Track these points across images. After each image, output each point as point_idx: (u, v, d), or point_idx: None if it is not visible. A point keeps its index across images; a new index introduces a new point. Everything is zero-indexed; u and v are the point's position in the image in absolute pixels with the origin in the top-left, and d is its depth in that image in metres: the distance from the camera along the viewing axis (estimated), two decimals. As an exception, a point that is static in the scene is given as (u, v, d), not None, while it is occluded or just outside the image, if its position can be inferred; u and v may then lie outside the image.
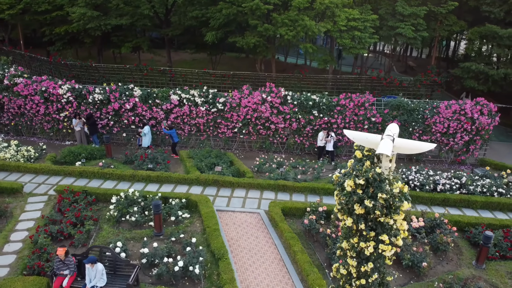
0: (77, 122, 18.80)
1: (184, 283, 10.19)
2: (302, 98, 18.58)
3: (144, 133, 18.24)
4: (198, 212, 13.06)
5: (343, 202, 7.34)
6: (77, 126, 18.89)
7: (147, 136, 18.35)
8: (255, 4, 18.15)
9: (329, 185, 14.52)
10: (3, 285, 9.40)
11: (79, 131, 19.03)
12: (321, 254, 11.45)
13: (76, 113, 19.09)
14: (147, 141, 18.44)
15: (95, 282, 9.30)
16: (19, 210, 13.03)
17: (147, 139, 18.39)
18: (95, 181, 14.99)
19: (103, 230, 11.90)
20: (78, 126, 18.88)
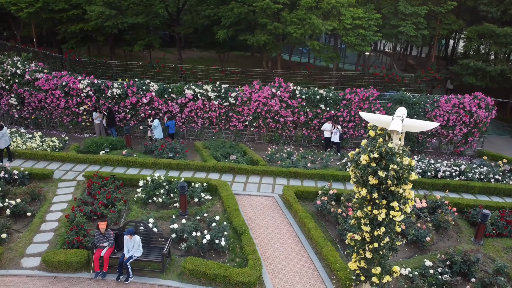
0: (97, 115, 19.86)
1: (210, 255, 11.24)
2: (310, 93, 19.65)
3: (154, 126, 19.23)
4: (218, 195, 14.12)
5: (358, 175, 8.42)
6: (97, 120, 20.01)
7: (157, 128, 19.34)
8: (266, 3, 19.22)
9: (337, 172, 15.59)
10: (48, 257, 10.42)
11: (98, 124, 20.13)
12: (333, 231, 12.52)
13: (96, 107, 20.15)
14: (158, 133, 19.40)
15: (132, 252, 10.34)
16: (51, 193, 14.06)
17: (157, 131, 19.37)
18: (119, 169, 16.03)
19: (132, 210, 12.95)
20: (97, 119, 19.99)
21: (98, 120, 20.00)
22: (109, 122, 19.98)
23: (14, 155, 16.72)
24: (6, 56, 22.55)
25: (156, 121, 19.35)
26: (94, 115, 20.01)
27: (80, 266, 10.52)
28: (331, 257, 10.85)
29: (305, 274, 10.80)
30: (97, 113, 19.97)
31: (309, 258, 11.38)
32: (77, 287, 10.15)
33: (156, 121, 19.36)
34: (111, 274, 10.51)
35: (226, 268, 10.19)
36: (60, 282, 10.29)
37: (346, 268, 10.49)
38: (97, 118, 19.94)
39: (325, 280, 10.59)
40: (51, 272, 10.53)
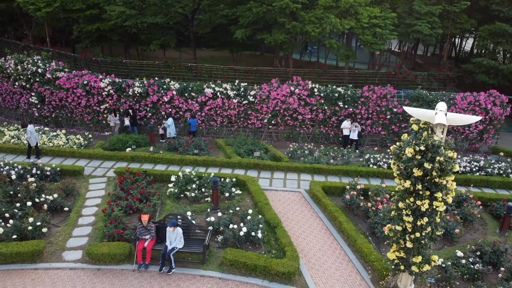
0: (114, 119, 20.29)
1: (247, 247, 11.55)
2: (328, 91, 19.98)
3: (168, 124, 19.46)
4: (246, 190, 14.43)
5: (402, 168, 8.74)
6: (111, 122, 20.38)
7: (171, 127, 19.56)
8: (285, 3, 19.55)
9: (361, 168, 15.92)
10: (92, 249, 10.71)
11: (114, 127, 20.54)
12: (362, 225, 12.84)
13: (113, 109, 20.30)
14: (172, 132, 19.63)
15: (175, 244, 10.65)
16: (84, 189, 14.36)
17: (171, 129, 19.59)
18: (146, 165, 16.33)
19: (166, 205, 13.25)
20: (112, 122, 20.36)
21: (113, 123, 20.39)
22: (132, 121, 20.18)
23: (42, 153, 17.00)
24: (25, 55, 22.81)
25: (170, 120, 19.53)
26: (109, 117, 20.39)
27: (123, 258, 10.81)
28: (365, 248, 11.17)
29: (340, 265, 11.12)
30: (111, 116, 20.31)
31: (342, 250, 11.71)
32: (121, 278, 10.44)
33: (170, 120, 19.54)
34: (153, 266, 10.81)
35: (265, 259, 10.50)
36: (104, 274, 10.58)
37: (381, 259, 10.82)
38: (112, 121, 20.35)
39: (361, 270, 10.91)
40: (94, 264, 10.81)
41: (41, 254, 10.88)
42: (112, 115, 20.23)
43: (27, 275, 10.49)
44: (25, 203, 12.53)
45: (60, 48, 29.98)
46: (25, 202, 12.56)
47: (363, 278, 10.67)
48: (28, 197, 12.71)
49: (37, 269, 10.67)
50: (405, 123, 20.21)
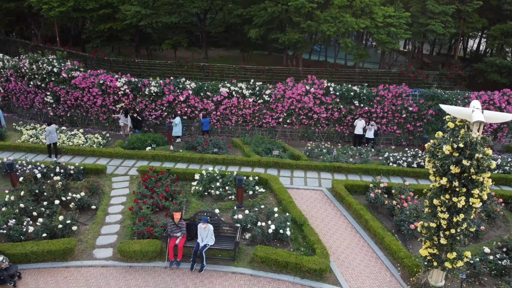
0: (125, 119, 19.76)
1: (275, 244, 11.63)
2: (344, 89, 20.06)
3: (175, 123, 19.46)
4: (268, 188, 14.52)
5: (438, 165, 8.83)
6: (121, 122, 19.92)
7: (178, 126, 19.54)
8: (301, 2, 19.64)
9: (381, 167, 16.01)
10: (123, 247, 10.78)
11: (123, 127, 20.05)
12: (387, 223, 12.91)
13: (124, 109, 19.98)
14: (178, 131, 19.61)
15: (206, 241, 10.73)
16: (108, 188, 14.44)
17: (178, 128, 19.60)
18: (167, 163, 16.41)
19: (191, 203, 13.33)
20: (122, 122, 19.87)
21: (123, 123, 19.88)
22: (137, 124, 20.04)
23: (61, 152, 17.08)
24: (39, 54, 22.85)
25: (177, 119, 19.45)
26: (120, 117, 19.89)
27: (155, 256, 10.90)
28: (393, 246, 11.26)
29: (369, 262, 11.21)
30: (122, 115, 19.79)
31: (369, 248, 11.79)
32: (154, 275, 10.52)
33: (178, 119, 19.46)
34: (184, 263, 10.90)
35: (296, 256, 10.59)
36: (136, 271, 10.66)
37: (410, 256, 10.91)
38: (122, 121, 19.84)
39: (390, 267, 11.00)
40: (125, 262, 10.89)
41: (72, 252, 10.96)
42: (123, 115, 19.88)
43: (59, 273, 10.57)
44: (51, 202, 12.60)
45: (70, 47, 29.99)
46: (51, 200, 12.62)
47: (392, 275, 10.75)
48: (54, 195, 12.77)
49: (69, 267, 10.75)
50: (420, 122, 20.31)
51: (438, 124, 20.37)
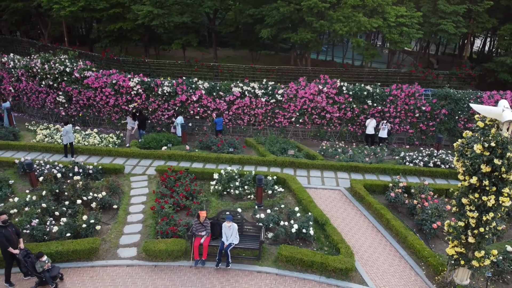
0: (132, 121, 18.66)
1: (298, 243, 11.65)
2: (357, 89, 20.09)
3: (177, 123, 19.40)
4: (287, 188, 14.54)
5: (468, 164, 8.85)
6: (128, 125, 18.73)
7: (179, 125, 19.47)
8: (314, 2, 19.67)
9: (397, 166, 16.04)
10: (149, 246, 10.79)
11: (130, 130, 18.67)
12: (408, 222, 12.93)
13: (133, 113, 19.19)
14: (180, 131, 19.46)
15: (231, 240, 10.74)
16: (127, 187, 14.46)
17: (179, 128, 19.48)
18: (183, 163, 16.43)
19: (212, 202, 13.35)
20: (129, 124, 18.69)
21: (130, 126, 18.66)
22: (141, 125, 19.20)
23: (77, 151, 17.09)
24: (51, 54, 22.86)
25: (179, 118, 19.29)
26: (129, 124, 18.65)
27: (180, 255, 10.91)
28: (417, 245, 11.28)
29: (392, 261, 11.24)
30: (129, 118, 18.68)
31: (392, 247, 11.82)
32: (180, 275, 10.54)
33: (180, 118, 19.29)
34: (208, 262, 10.91)
35: (321, 256, 10.61)
36: (162, 270, 10.68)
37: (435, 255, 10.93)
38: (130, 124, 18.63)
39: (414, 266, 11.02)
40: (150, 261, 10.91)
41: (97, 251, 10.97)
42: (130, 117, 18.79)
43: (85, 273, 10.58)
44: (72, 201, 12.62)
45: (80, 47, 29.97)
46: (72, 200, 12.64)
47: (417, 274, 10.78)
48: (76, 195, 12.78)
49: (94, 266, 10.76)
50: (433, 121, 20.34)
51: (450, 124, 20.41)
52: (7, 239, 9.45)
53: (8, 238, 9.47)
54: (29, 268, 9.52)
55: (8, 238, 9.47)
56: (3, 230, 9.44)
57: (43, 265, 9.56)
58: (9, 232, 9.52)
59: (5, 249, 9.51)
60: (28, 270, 9.60)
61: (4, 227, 9.50)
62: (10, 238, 9.51)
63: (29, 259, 9.61)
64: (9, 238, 9.50)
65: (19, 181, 14.73)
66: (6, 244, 9.44)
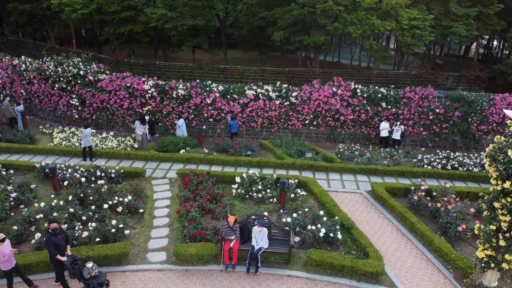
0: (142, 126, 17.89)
1: (325, 247, 11.73)
2: (371, 91, 20.19)
3: (178, 125, 19.39)
4: (308, 191, 14.61)
5: (501, 169, 8.96)
6: (138, 130, 17.90)
7: (181, 128, 19.46)
8: (329, 5, 19.76)
9: (416, 169, 16.14)
10: (179, 250, 10.83)
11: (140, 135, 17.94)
12: (431, 225, 13.02)
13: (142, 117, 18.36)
14: (181, 133, 19.43)
15: (261, 244, 10.81)
16: (150, 191, 14.49)
17: (181, 130, 19.48)
18: (202, 166, 16.47)
19: (235, 205, 13.41)
20: (139, 130, 17.87)
21: (140, 131, 17.82)
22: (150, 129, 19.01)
23: (96, 155, 17.11)
24: (64, 57, 22.86)
25: (181, 120, 19.23)
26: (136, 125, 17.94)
27: (210, 259, 10.97)
28: (444, 248, 11.38)
29: (420, 264, 11.33)
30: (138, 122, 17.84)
31: (418, 250, 11.91)
32: (211, 279, 10.60)
33: (181, 121, 19.24)
34: (238, 266, 10.97)
35: (351, 260, 10.70)
36: (192, 274, 10.73)
37: (462, 258, 11.04)
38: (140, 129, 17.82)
39: (442, 269, 11.12)
40: (180, 265, 10.96)
41: (127, 256, 11.01)
42: (139, 122, 17.80)
43: (116, 278, 10.62)
44: (98, 206, 12.65)
45: (89, 49, 29.96)
46: (98, 204, 12.67)
47: (446, 277, 10.88)
48: (101, 199, 12.81)
49: (125, 271, 10.81)
50: (446, 124, 20.46)
51: (463, 126, 20.54)
52: (56, 246, 9.49)
53: (57, 245, 9.51)
54: (77, 274, 9.55)
55: (57, 245, 9.51)
56: (53, 237, 9.48)
57: (90, 272, 9.59)
58: (59, 239, 9.57)
59: (53, 257, 9.54)
60: (76, 277, 9.61)
61: (54, 234, 9.54)
62: (59, 246, 9.55)
63: (77, 265, 9.65)
64: (58, 245, 9.54)
65: (40, 185, 14.74)
66: (54, 252, 9.48)
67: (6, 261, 9.48)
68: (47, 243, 9.47)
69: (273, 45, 29.46)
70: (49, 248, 9.46)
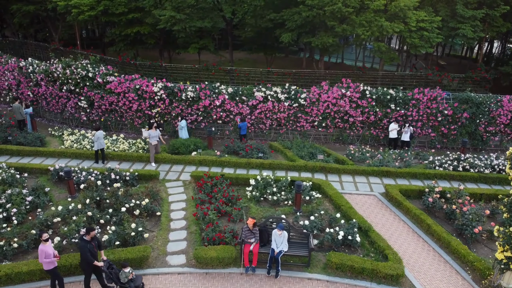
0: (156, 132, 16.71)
1: (343, 250, 11.79)
2: (380, 93, 20.28)
3: (181, 126, 19.42)
4: (322, 193, 14.67)
5: (523, 172, 9.05)
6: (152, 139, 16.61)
7: (184, 129, 19.47)
8: (338, 7, 19.84)
9: (428, 171, 16.23)
10: (200, 253, 10.85)
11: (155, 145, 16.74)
12: (446, 227, 13.10)
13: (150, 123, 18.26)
14: (184, 134, 19.48)
15: (282, 247, 10.85)
16: (164, 193, 14.51)
17: (183, 132, 19.49)
18: (214, 168, 16.50)
19: (251, 208, 13.45)
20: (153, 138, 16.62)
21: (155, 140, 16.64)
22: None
23: (108, 157, 17.11)
24: (72, 58, 22.83)
25: (183, 122, 19.22)
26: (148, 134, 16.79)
27: (230, 262, 11.01)
28: (461, 249, 11.47)
29: (438, 266, 11.41)
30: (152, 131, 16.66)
31: (436, 252, 11.99)
32: (232, 282, 10.64)
33: (183, 122, 19.24)
34: (258, 269, 11.02)
35: (371, 262, 10.76)
36: (213, 278, 10.77)
37: (480, 259, 11.12)
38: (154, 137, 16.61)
39: (460, 271, 11.20)
40: (201, 268, 10.99)
41: (147, 259, 11.03)
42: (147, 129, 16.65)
43: (137, 280, 10.61)
44: (115, 209, 12.66)
45: (94, 51, 29.91)
46: (115, 207, 12.68)
47: (464, 278, 10.96)
48: (118, 202, 12.83)
49: (146, 274, 10.82)
50: (454, 125, 20.57)
51: (471, 127, 20.65)
52: (91, 253, 9.50)
53: (92, 252, 9.52)
54: (114, 279, 9.55)
55: (92, 252, 9.52)
56: (88, 245, 9.47)
57: (127, 275, 9.60)
58: (92, 246, 9.58)
59: (90, 263, 9.50)
60: (113, 281, 9.60)
61: (89, 241, 9.54)
62: (93, 252, 9.58)
63: (113, 270, 9.66)
64: (93, 252, 9.56)
65: (54, 188, 14.74)
66: (91, 259, 9.46)
67: (50, 261, 9.47)
68: (83, 250, 9.39)
69: (278, 47, 29.49)
70: (85, 255, 9.39)
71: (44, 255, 9.34)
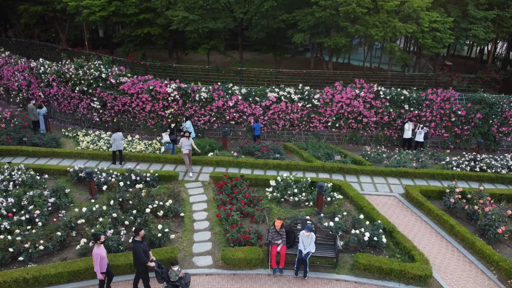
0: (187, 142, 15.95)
1: (369, 251, 11.81)
2: (394, 93, 20.32)
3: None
4: (343, 194, 14.68)
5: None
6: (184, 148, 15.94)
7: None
8: (352, 8, 19.88)
9: (446, 171, 16.27)
10: (227, 254, 10.86)
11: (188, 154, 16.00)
12: (468, 227, 13.13)
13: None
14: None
15: (309, 248, 10.86)
16: (185, 194, 14.51)
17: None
18: (231, 169, 16.50)
19: (272, 209, 13.46)
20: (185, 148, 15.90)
21: (187, 149, 15.89)
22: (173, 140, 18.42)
23: (125, 158, 17.10)
24: (84, 59, 22.80)
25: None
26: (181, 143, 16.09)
27: (258, 263, 11.01)
28: (486, 250, 11.51)
29: (464, 267, 11.44)
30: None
31: (460, 253, 12.02)
32: (260, 283, 10.64)
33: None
34: (285, 270, 11.03)
35: (399, 263, 10.78)
36: (241, 279, 10.77)
37: (505, 259, 11.16)
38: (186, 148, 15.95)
39: (485, 271, 11.24)
40: (228, 269, 11.00)
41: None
42: (185, 138, 15.71)
43: (165, 282, 10.61)
44: (138, 210, 12.66)
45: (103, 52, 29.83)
46: (138, 209, 12.68)
47: (490, 278, 11.00)
48: (141, 203, 12.82)
49: (173, 275, 10.79)
50: (468, 125, 20.62)
51: (484, 128, 20.70)
52: (145, 254, 9.48)
53: (145, 252, 9.51)
54: (166, 278, 9.56)
55: (145, 252, 9.51)
56: (142, 244, 9.44)
57: (177, 273, 9.63)
58: (145, 246, 9.57)
59: (145, 264, 9.47)
60: (165, 280, 9.60)
61: (141, 241, 9.51)
62: (146, 252, 9.56)
63: (162, 269, 9.68)
64: (146, 252, 9.55)
65: (74, 190, 14.73)
66: (146, 260, 9.45)
67: (104, 264, 9.48)
68: (137, 251, 9.35)
69: (287, 47, 29.49)
70: (140, 256, 9.33)
71: (99, 258, 9.28)
